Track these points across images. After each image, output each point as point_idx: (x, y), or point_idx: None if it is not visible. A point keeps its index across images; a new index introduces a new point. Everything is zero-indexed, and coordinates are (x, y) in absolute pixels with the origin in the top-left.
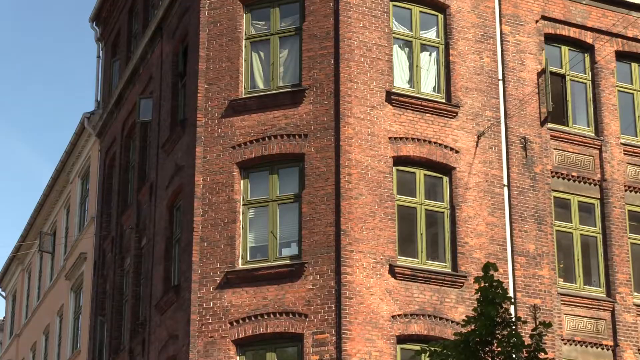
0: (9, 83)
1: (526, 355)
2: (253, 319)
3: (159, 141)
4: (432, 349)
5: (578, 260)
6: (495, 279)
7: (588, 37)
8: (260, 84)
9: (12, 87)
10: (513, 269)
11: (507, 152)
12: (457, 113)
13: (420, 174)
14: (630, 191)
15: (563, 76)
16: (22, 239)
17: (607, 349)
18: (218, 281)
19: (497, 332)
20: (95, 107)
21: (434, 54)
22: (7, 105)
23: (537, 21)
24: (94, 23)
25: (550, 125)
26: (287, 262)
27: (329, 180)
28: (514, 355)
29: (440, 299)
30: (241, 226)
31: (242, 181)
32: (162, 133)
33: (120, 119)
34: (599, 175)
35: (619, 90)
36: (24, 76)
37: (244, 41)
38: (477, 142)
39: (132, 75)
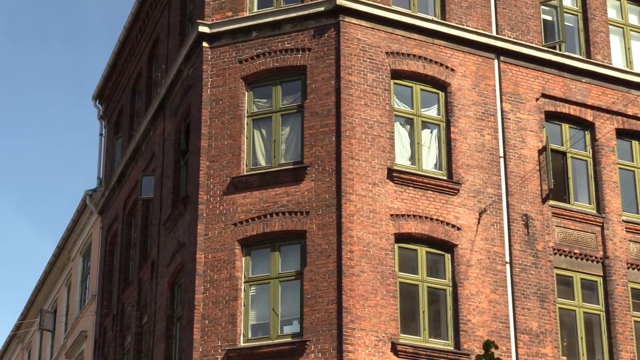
0: (11, 159)
1: None
2: None
3: (160, 218)
4: None
5: (581, 338)
6: (497, 357)
7: (588, 115)
8: (262, 161)
9: (14, 164)
10: (516, 347)
11: (509, 229)
12: (458, 190)
13: (422, 251)
14: (633, 268)
15: (564, 153)
16: (23, 317)
17: None
18: (219, 359)
19: None
20: (97, 185)
21: (435, 131)
22: (9, 182)
23: (537, 99)
24: (97, 101)
25: (551, 202)
26: (289, 340)
27: (331, 258)
28: None
29: None
30: (242, 303)
31: (243, 258)
32: (163, 210)
33: (122, 196)
34: (601, 253)
35: (620, 168)
36: (25, 153)
37: (245, 119)
38: (479, 219)
39: (134, 153)
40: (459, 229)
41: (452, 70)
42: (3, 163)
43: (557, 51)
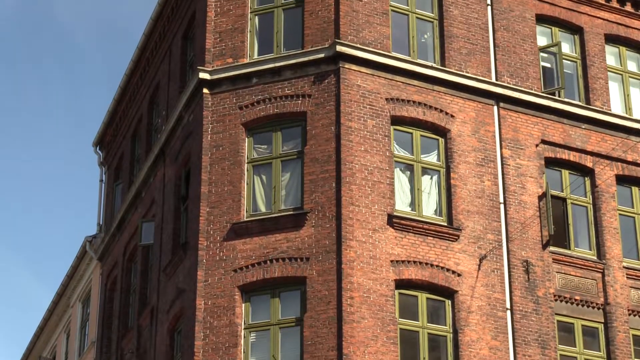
0: (11, 205)
1: None
2: None
3: (160, 265)
4: None
5: None
6: None
7: (588, 161)
8: (262, 207)
9: (14, 209)
10: None
11: (510, 276)
12: (458, 236)
13: (422, 297)
14: (634, 315)
15: (564, 200)
16: None
17: None
18: None
19: None
20: (97, 231)
21: (435, 177)
22: (8, 227)
23: (537, 145)
24: (97, 147)
25: (552, 248)
26: None
27: (331, 304)
28: None
29: None
30: (242, 350)
31: (243, 305)
32: (163, 256)
33: (122, 242)
34: (602, 299)
35: (620, 214)
36: (25, 198)
37: (246, 165)
38: (479, 265)
39: (134, 199)
40: (459, 275)
41: (452, 116)
42: (3, 208)
43: (557, 97)
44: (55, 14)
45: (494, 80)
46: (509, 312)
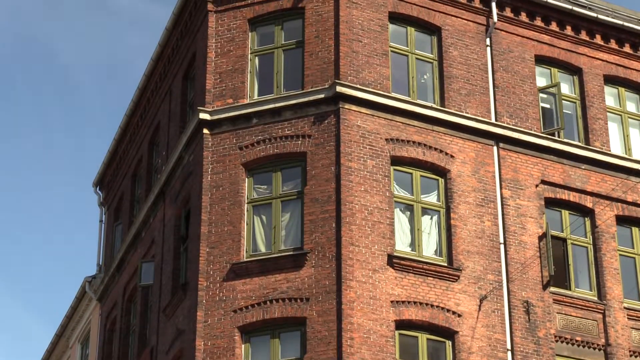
0: (10, 246)
1: None
2: None
3: (160, 305)
4: None
5: None
6: None
7: (588, 202)
8: (262, 248)
9: (13, 249)
10: None
11: (510, 316)
12: (459, 277)
13: (422, 338)
14: (636, 356)
15: (564, 240)
16: None
17: None
18: None
19: None
20: (97, 271)
21: (435, 218)
22: (7, 267)
23: (537, 185)
24: (98, 187)
25: (552, 289)
26: None
27: (331, 345)
28: None
29: None
30: None
31: (243, 345)
32: (163, 297)
33: (121, 282)
34: (603, 340)
35: (620, 254)
36: (25, 239)
37: (246, 205)
38: (480, 306)
39: (134, 239)
40: (459, 315)
41: (452, 156)
42: (2, 247)
43: (556, 138)
44: (56, 53)
45: (493, 120)
46: (509, 353)
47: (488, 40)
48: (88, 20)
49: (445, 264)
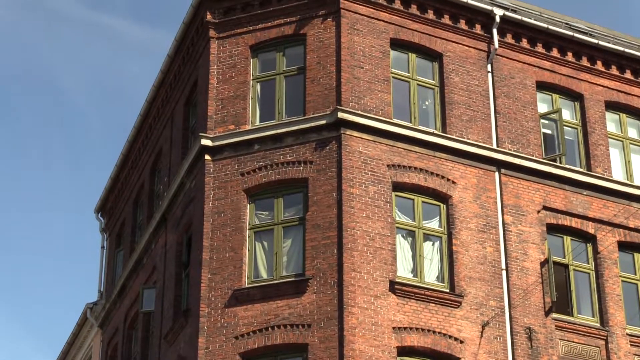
0: (11, 271)
1: None
2: None
3: (161, 331)
4: None
5: None
6: None
7: (590, 228)
8: (264, 274)
9: (14, 276)
10: None
11: (512, 343)
12: (461, 303)
13: None
14: None
15: (566, 266)
16: None
17: None
18: None
19: None
20: (98, 298)
21: (437, 244)
22: (8, 294)
23: (538, 211)
24: (99, 214)
25: (554, 315)
26: None
27: None
28: None
29: None
30: None
31: None
32: (164, 323)
33: (123, 309)
34: None
35: (622, 281)
36: (26, 264)
37: (247, 231)
38: (482, 332)
39: (135, 265)
40: (461, 342)
41: (454, 182)
42: (3, 275)
43: (558, 164)
44: (57, 80)
45: (495, 146)
46: None
47: (489, 66)
48: (89, 47)
49: (447, 290)
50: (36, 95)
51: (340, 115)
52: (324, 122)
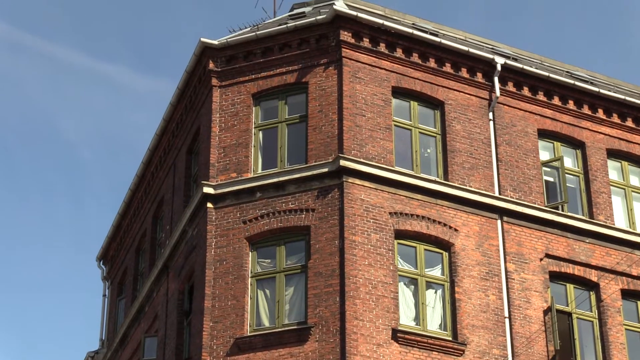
0: (12, 319)
1: None
2: None
3: None
4: None
5: None
6: None
7: (593, 275)
8: (266, 322)
9: (14, 323)
10: None
11: None
12: (463, 351)
13: None
14: None
15: (569, 314)
16: None
17: None
18: None
19: None
20: (100, 346)
21: (439, 292)
22: (9, 341)
23: (541, 259)
24: (101, 262)
25: None
26: None
27: None
28: None
29: None
30: None
31: None
32: None
33: (124, 357)
34: None
35: (626, 329)
36: (26, 312)
37: (249, 279)
38: None
39: (137, 314)
40: None
41: (456, 230)
42: (3, 322)
43: (560, 212)
44: (59, 128)
45: (497, 194)
46: None
47: (491, 114)
48: (92, 96)
49: (450, 339)
50: (38, 144)
51: (342, 163)
52: (326, 170)
